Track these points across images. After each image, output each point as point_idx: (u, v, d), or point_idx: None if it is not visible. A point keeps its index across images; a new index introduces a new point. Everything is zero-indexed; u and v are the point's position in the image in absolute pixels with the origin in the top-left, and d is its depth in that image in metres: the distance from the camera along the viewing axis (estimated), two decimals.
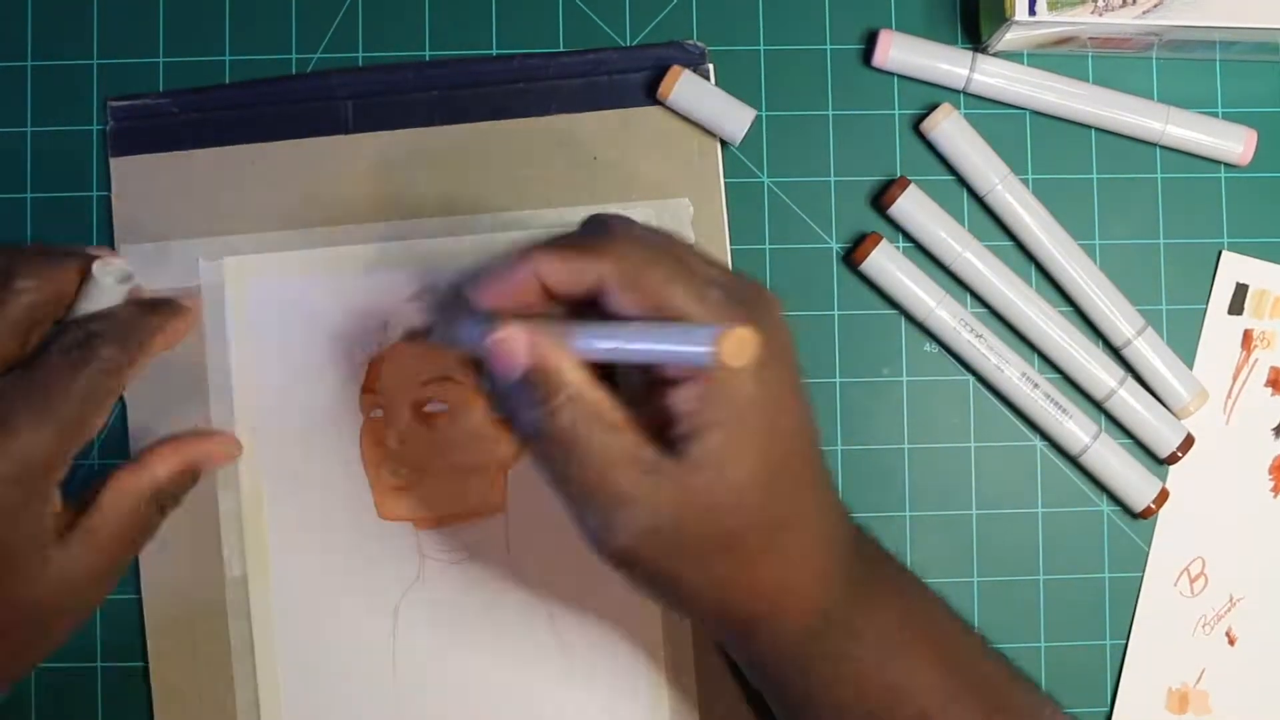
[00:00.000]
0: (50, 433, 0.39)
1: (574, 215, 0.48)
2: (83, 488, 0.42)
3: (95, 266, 0.41)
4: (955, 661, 0.40)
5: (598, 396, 0.36)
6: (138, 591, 0.48)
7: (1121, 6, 0.45)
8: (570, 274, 0.36)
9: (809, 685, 0.39)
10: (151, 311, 0.42)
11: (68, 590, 0.40)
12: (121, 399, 0.48)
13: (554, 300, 0.37)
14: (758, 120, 0.49)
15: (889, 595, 0.40)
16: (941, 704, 0.38)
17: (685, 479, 0.35)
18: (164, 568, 0.48)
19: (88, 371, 0.39)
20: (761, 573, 0.38)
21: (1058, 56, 0.50)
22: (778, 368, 0.36)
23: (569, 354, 0.36)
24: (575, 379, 0.36)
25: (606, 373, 0.38)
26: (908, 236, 0.49)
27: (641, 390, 0.37)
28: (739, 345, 0.33)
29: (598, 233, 0.37)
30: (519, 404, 0.37)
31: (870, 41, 0.49)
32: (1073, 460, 0.49)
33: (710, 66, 0.49)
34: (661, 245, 0.37)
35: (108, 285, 0.41)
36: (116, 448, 0.48)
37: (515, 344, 0.36)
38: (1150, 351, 0.49)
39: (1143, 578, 0.49)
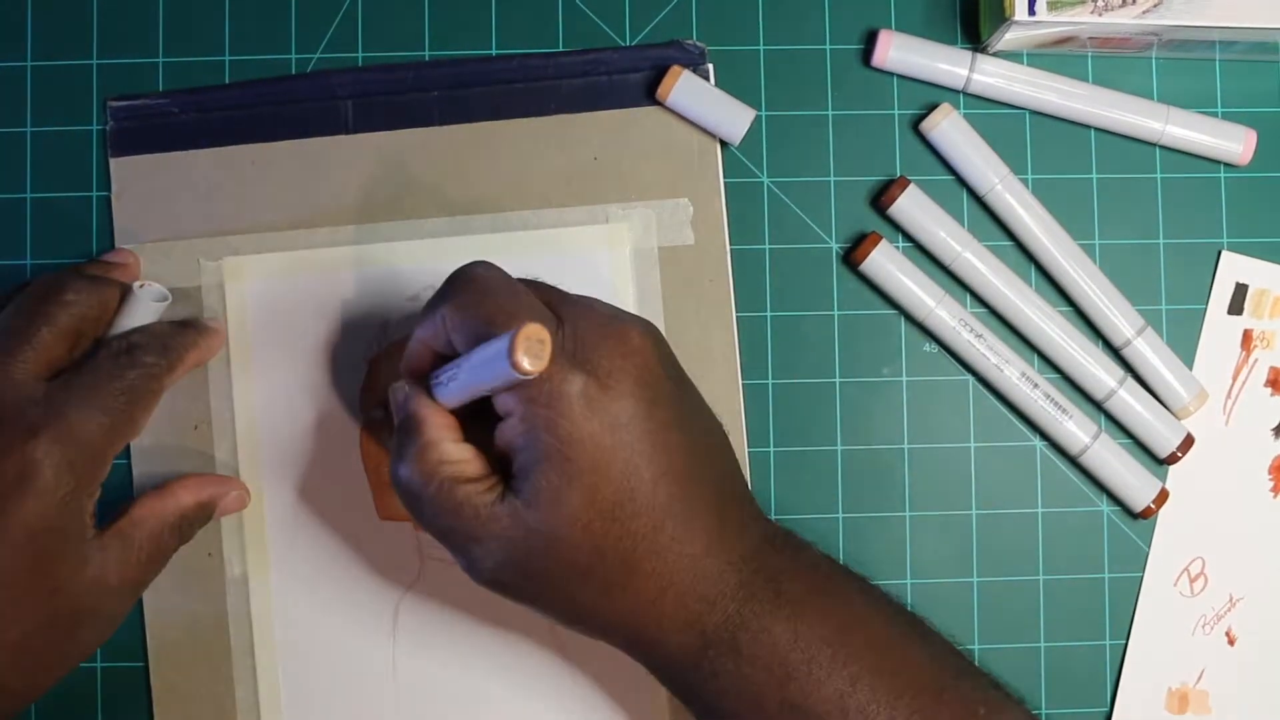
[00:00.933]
0: (102, 425, 0.42)
1: (574, 215, 0.49)
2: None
3: (135, 286, 0.46)
4: (866, 671, 0.39)
5: (453, 449, 0.39)
6: None
7: (1121, 6, 0.45)
8: (434, 336, 0.39)
9: (706, 699, 0.40)
10: (186, 328, 0.46)
11: (99, 593, 0.43)
12: None
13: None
14: (757, 120, 0.49)
15: (787, 612, 0.39)
16: (842, 716, 0.38)
17: (523, 516, 0.37)
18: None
19: (133, 373, 0.43)
20: (624, 598, 0.39)
21: (1057, 56, 0.50)
22: (616, 407, 0.37)
23: (436, 406, 0.39)
24: (436, 432, 0.39)
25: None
26: (907, 236, 0.49)
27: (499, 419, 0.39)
28: (529, 345, 0.34)
29: (443, 297, 0.39)
30: (393, 450, 0.40)
31: (870, 41, 0.49)
32: (1073, 460, 0.49)
33: (710, 66, 0.49)
34: (501, 278, 0.39)
35: (146, 303, 0.46)
36: None
37: (397, 394, 0.41)
38: (1150, 351, 0.49)
39: (1142, 578, 0.49)
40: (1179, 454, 0.49)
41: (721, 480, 0.41)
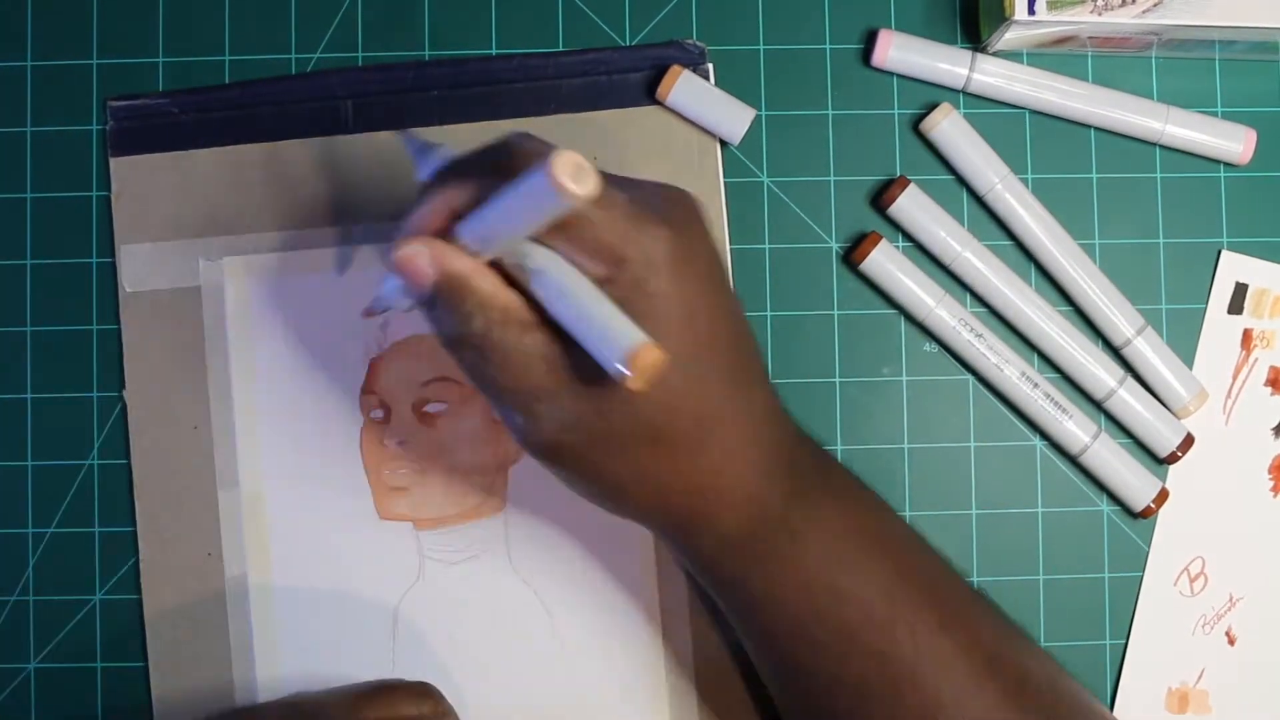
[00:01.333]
0: None
1: None
2: (83, 488, 0.41)
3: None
4: (902, 567, 0.39)
5: (508, 298, 0.36)
6: (137, 591, 0.48)
7: (1121, 6, 0.45)
8: (463, 204, 0.36)
9: (752, 585, 0.39)
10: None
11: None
12: (121, 399, 0.48)
13: None
14: (757, 120, 0.49)
15: (831, 500, 0.40)
16: (889, 605, 0.38)
17: (602, 372, 0.35)
18: (164, 567, 0.48)
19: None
20: (689, 465, 0.37)
21: (1057, 56, 0.50)
22: (693, 265, 0.36)
23: (473, 260, 0.36)
24: (483, 284, 0.36)
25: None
26: (907, 236, 0.49)
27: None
28: (568, 167, 0.30)
29: (499, 155, 0.36)
30: (435, 315, 0.36)
31: (870, 41, 0.49)
32: (1073, 460, 0.49)
33: (710, 66, 0.49)
34: (529, 143, 0.36)
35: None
36: (117, 446, 0.48)
37: (419, 258, 0.36)
38: (1150, 351, 0.49)
39: (1142, 577, 0.49)
40: (1179, 453, 0.49)
41: (763, 364, 0.41)
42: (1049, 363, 0.49)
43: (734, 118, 0.48)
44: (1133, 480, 0.48)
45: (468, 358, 0.37)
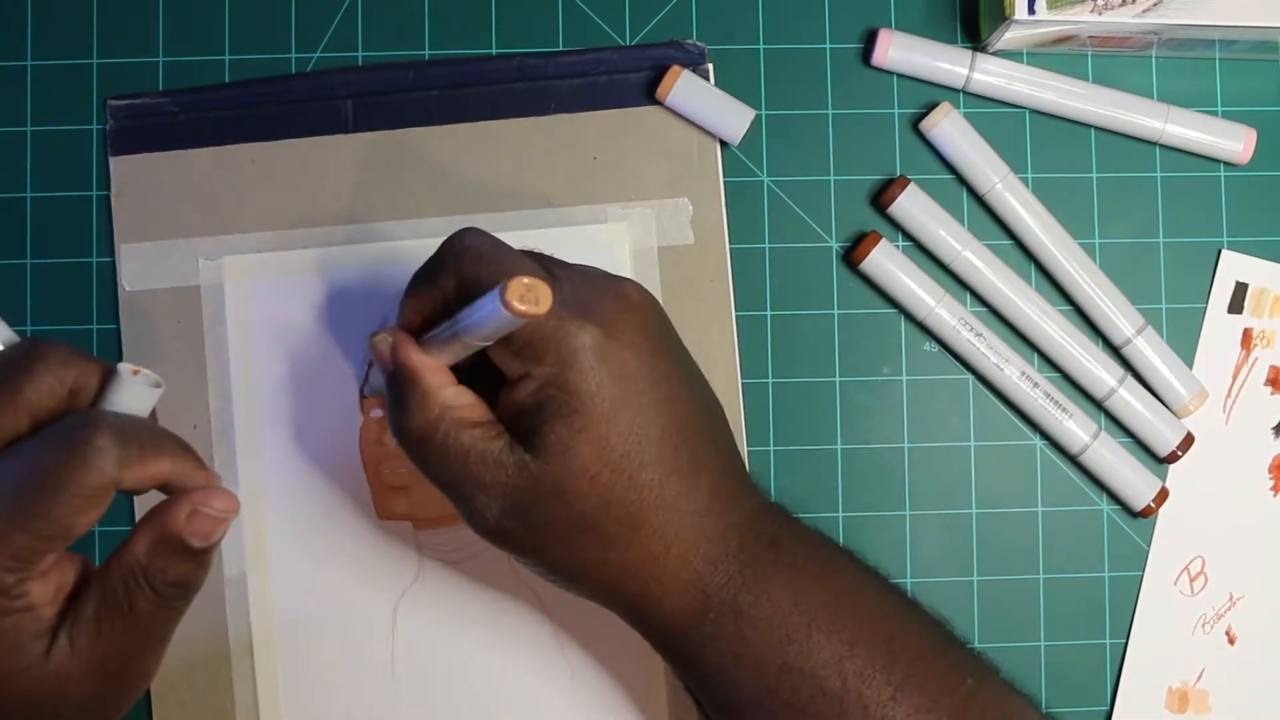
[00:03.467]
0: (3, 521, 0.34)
1: (574, 215, 0.49)
2: None
3: (121, 367, 0.36)
4: (857, 635, 0.39)
5: (453, 393, 0.39)
6: None
7: (1121, 5, 0.45)
8: (430, 307, 0.40)
9: (705, 664, 0.40)
10: (175, 443, 0.37)
11: (62, 685, 0.35)
12: None
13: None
14: (757, 120, 0.49)
15: (786, 576, 0.39)
16: (841, 680, 0.38)
17: (531, 467, 0.38)
18: None
19: (71, 461, 0.34)
20: (626, 554, 0.39)
21: (1057, 55, 0.50)
22: (622, 360, 0.38)
23: (427, 357, 0.39)
24: (434, 379, 0.39)
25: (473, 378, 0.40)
26: (907, 236, 0.49)
27: (498, 388, 0.40)
28: (524, 290, 0.34)
29: (438, 255, 0.40)
30: (390, 402, 0.40)
31: (870, 41, 0.49)
32: (1072, 459, 0.49)
33: (710, 66, 0.49)
34: (492, 244, 0.39)
35: (136, 389, 0.36)
36: None
37: (383, 344, 0.40)
38: (1150, 350, 0.49)
39: (1143, 577, 0.49)
40: (1179, 453, 0.49)
41: (722, 443, 0.41)
42: (1049, 362, 0.49)
43: (734, 118, 0.48)
44: (1133, 479, 0.48)
45: (412, 446, 0.39)
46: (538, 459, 0.37)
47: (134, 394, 0.36)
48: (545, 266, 0.39)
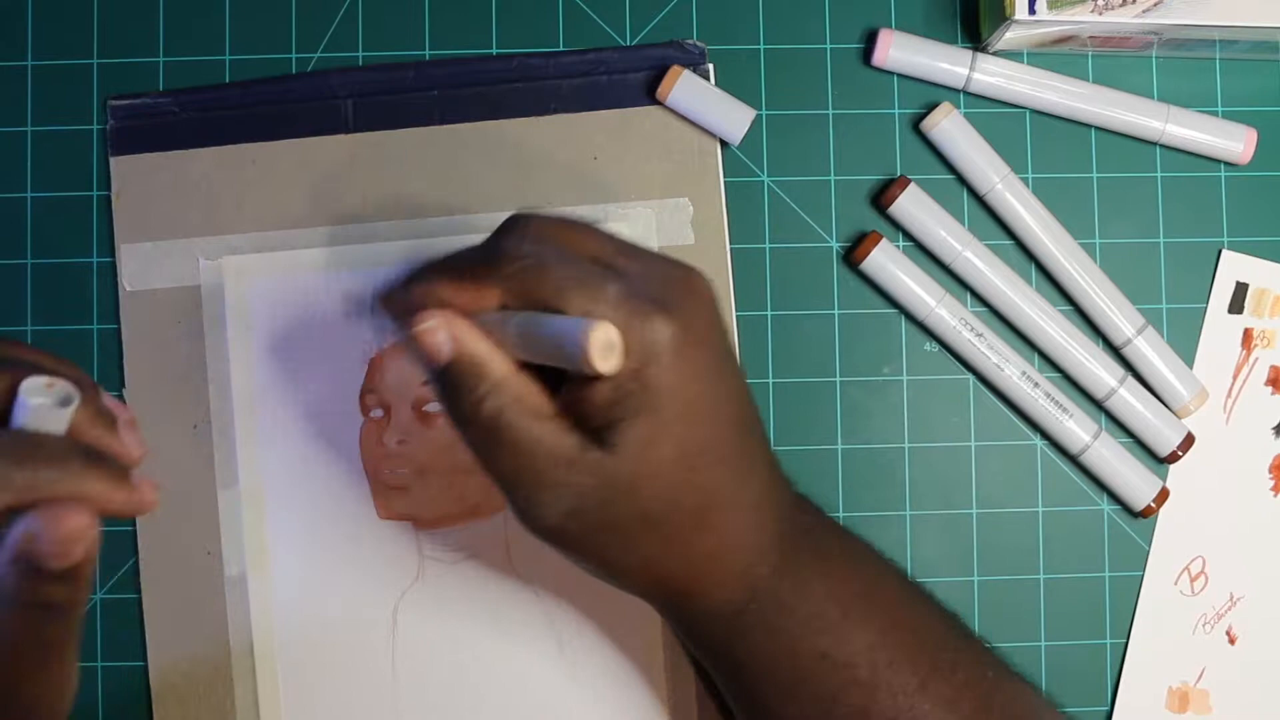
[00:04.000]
0: None
1: (574, 215, 0.48)
2: None
3: (25, 384, 0.32)
4: (887, 626, 0.39)
5: (522, 384, 0.37)
6: (137, 590, 0.48)
7: (1121, 5, 0.45)
8: (468, 299, 0.37)
9: (739, 655, 0.40)
10: (87, 460, 0.33)
11: None
12: (121, 398, 0.48)
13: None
14: (758, 120, 0.49)
15: (822, 567, 0.40)
16: (871, 669, 0.39)
17: (606, 465, 0.36)
18: (164, 567, 0.48)
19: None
20: (686, 550, 0.38)
21: (1058, 55, 0.50)
22: (694, 355, 0.37)
23: (490, 343, 0.37)
24: (499, 368, 0.37)
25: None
26: (908, 235, 0.49)
27: (566, 379, 0.38)
28: (602, 349, 0.33)
29: (488, 255, 0.37)
30: (447, 392, 0.37)
31: (870, 41, 0.49)
32: (1073, 459, 0.49)
33: (710, 66, 0.49)
34: (554, 250, 0.37)
35: (36, 407, 0.33)
36: None
37: (436, 334, 0.37)
38: (1150, 350, 0.49)
39: (1143, 577, 0.49)
40: (1179, 453, 0.49)
41: (763, 433, 0.41)
42: (1049, 362, 0.49)
43: (734, 118, 0.48)
44: (1133, 479, 0.48)
45: (476, 438, 0.37)
46: (613, 456, 0.36)
47: (43, 415, 0.33)
48: (604, 255, 0.37)
